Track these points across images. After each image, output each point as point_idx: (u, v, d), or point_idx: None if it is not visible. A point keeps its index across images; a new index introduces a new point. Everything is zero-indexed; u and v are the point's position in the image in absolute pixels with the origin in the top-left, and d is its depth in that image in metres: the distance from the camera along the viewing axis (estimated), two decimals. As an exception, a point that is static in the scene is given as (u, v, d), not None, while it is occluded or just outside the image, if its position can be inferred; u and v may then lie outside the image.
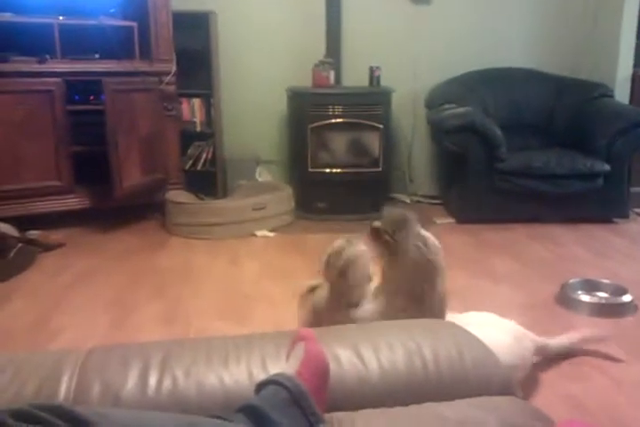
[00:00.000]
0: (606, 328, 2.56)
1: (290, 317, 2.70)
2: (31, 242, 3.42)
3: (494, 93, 4.57)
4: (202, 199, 4.35)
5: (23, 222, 3.52)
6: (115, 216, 4.03)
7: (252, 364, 1.01)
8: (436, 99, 4.46)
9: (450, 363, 1.03)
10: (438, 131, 4.30)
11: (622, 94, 4.57)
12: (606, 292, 2.93)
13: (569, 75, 4.67)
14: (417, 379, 1.01)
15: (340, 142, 4.39)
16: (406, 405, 0.95)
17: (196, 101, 4.49)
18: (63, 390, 0.95)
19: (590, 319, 2.69)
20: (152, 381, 0.97)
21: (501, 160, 4.05)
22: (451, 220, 4.22)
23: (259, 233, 3.87)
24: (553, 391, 2.07)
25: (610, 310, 2.78)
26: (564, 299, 2.86)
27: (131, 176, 3.83)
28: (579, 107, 4.46)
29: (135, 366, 0.99)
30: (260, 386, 0.92)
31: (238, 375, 0.99)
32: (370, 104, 4.23)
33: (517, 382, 1.91)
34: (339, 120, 4.20)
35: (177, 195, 4.07)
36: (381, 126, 4.24)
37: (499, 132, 4.03)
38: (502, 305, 2.70)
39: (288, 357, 1.00)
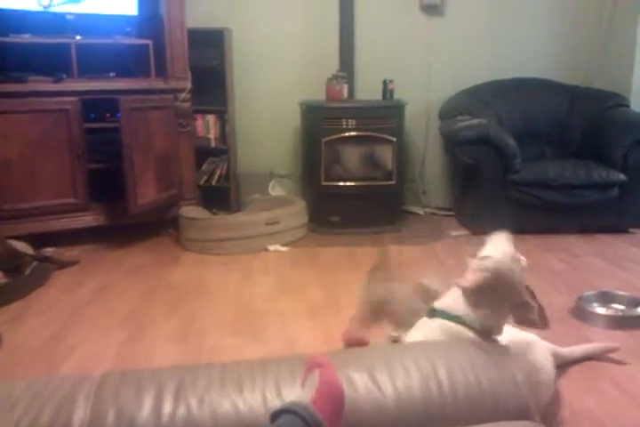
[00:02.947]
0: (622, 341, 2.52)
1: (303, 332, 2.71)
2: (46, 259, 3.46)
3: (508, 104, 4.56)
4: (215, 214, 4.37)
5: (38, 240, 3.56)
6: (129, 232, 4.07)
7: (266, 390, 1.01)
8: (450, 110, 4.46)
9: (466, 387, 1.02)
10: (452, 143, 4.29)
11: (638, 104, 4.53)
12: (622, 304, 2.90)
13: (583, 84, 4.65)
14: (433, 404, 1.00)
15: (353, 156, 4.39)
16: None
17: (211, 118, 4.53)
18: (78, 418, 0.96)
19: (606, 332, 2.65)
20: (166, 408, 0.97)
21: (516, 171, 4.04)
22: (465, 232, 4.20)
23: (271, 248, 3.88)
24: (567, 405, 2.04)
25: (626, 323, 2.75)
26: (580, 311, 2.83)
27: (146, 193, 3.86)
28: (593, 116, 4.44)
29: (149, 394, 1.00)
30: (275, 415, 0.91)
31: (253, 402, 0.99)
32: (383, 117, 4.23)
33: (546, 403, 1.89)
34: (352, 133, 4.21)
35: (190, 210, 4.09)
36: (395, 139, 4.24)
37: (513, 143, 4.01)
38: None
39: (303, 384, 1.00)
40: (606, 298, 2.93)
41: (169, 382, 1.02)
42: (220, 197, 4.57)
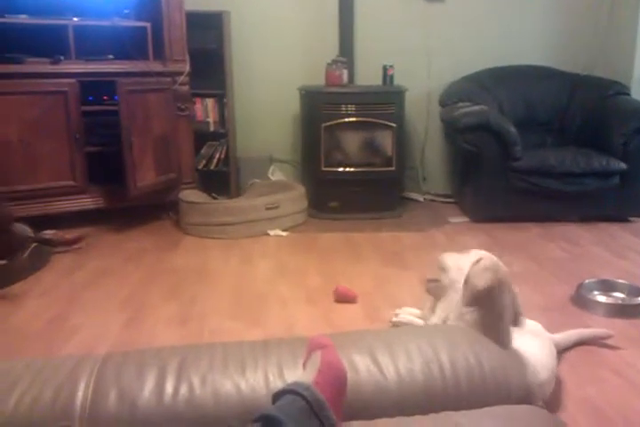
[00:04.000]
0: (622, 329, 2.53)
1: (303, 316, 2.71)
2: (46, 242, 3.44)
3: (508, 91, 4.54)
4: (215, 199, 4.35)
5: (37, 222, 3.54)
6: (128, 216, 4.06)
7: (268, 371, 1.00)
8: (450, 97, 4.44)
9: (468, 371, 1.01)
10: (452, 129, 4.28)
11: (639, 92, 4.51)
12: (622, 292, 2.91)
13: (584, 72, 4.63)
14: (435, 387, 0.99)
15: (353, 141, 4.37)
16: (424, 414, 0.94)
17: (210, 101, 4.50)
18: (80, 397, 0.95)
19: (606, 320, 2.66)
20: (168, 388, 0.97)
21: (516, 159, 4.02)
22: (465, 219, 4.20)
23: (272, 232, 3.87)
24: (568, 394, 2.04)
25: (626, 311, 2.75)
26: (580, 299, 2.83)
27: (145, 176, 3.84)
28: (594, 105, 4.42)
29: (151, 373, 0.99)
30: (277, 395, 0.91)
31: (255, 383, 0.98)
32: (383, 103, 4.21)
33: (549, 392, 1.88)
34: (352, 119, 4.19)
35: (190, 194, 4.07)
36: (395, 125, 4.22)
37: (514, 130, 4.00)
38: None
39: (305, 365, 0.99)
40: (607, 286, 2.93)
41: (171, 361, 1.02)
42: (220, 181, 4.55)
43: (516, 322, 1.76)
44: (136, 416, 0.92)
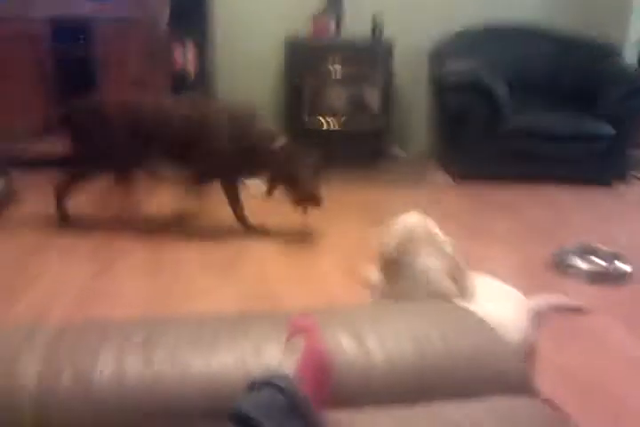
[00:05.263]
0: (600, 296, 2.50)
1: (276, 268, 2.64)
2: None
3: (499, 50, 4.41)
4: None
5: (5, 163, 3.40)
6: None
7: (245, 350, 0.90)
8: (440, 53, 4.31)
9: (464, 357, 0.93)
10: (440, 87, 4.17)
11: (631, 56, 4.41)
12: (602, 258, 2.87)
13: (576, 34, 4.50)
14: (427, 373, 0.91)
15: (338, 96, 4.24)
16: (414, 402, 0.86)
17: (189, 48, 4.30)
18: (29, 376, 0.84)
19: (585, 286, 2.62)
20: (130, 366, 0.86)
21: (504, 120, 3.93)
22: (448, 178, 4.12)
23: (251, 185, 3.74)
24: (545, 362, 2.00)
25: (605, 278, 2.72)
26: (559, 264, 2.80)
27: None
28: (585, 67, 4.32)
29: (112, 348, 0.88)
30: (253, 386, 0.81)
31: (228, 363, 0.88)
32: (371, 57, 4.07)
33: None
34: (338, 72, 4.05)
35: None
36: (382, 80, 4.09)
37: (504, 91, 3.90)
38: (496, 268, 2.62)
39: (286, 349, 0.90)
40: (586, 251, 2.89)
41: (135, 335, 0.91)
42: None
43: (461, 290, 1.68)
44: (92, 398, 0.82)
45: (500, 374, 0.93)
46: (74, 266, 2.60)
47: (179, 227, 3.04)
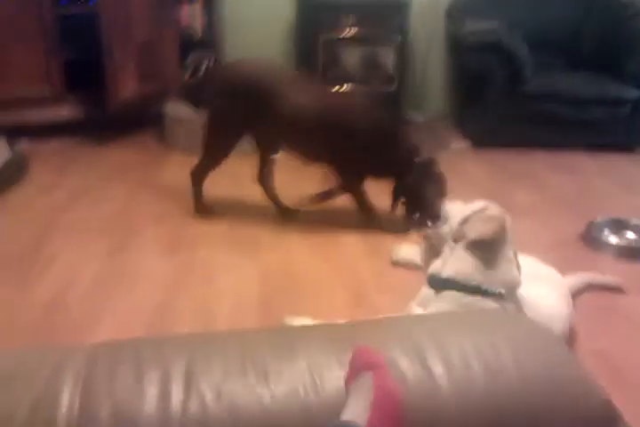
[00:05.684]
0: (633, 272, 2.41)
1: (299, 248, 2.54)
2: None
3: (520, 9, 4.20)
4: (199, 112, 4.06)
5: (12, 133, 3.25)
6: (109, 129, 3.75)
7: (297, 380, 0.80)
8: (458, 12, 4.11)
9: (541, 388, 0.82)
10: (459, 47, 4.00)
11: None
12: (635, 232, 2.76)
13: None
14: (501, 403, 0.81)
15: (352, 57, 4.06)
16: None
17: (197, 5, 4.11)
18: (64, 414, 0.74)
19: (617, 262, 2.53)
20: (175, 402, 0.76)
21: (524, 82, 3.78)
22: (466, 144, 3.99)
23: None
24: (581, 346, 1.92)
25: (637, 254, 2.62)
26: (591, 239, 2.69)
27: (126, 85, 3.58)
28: (609, 27, 4.13)
29: (153, 381, 0.78)
30: None
31: (282, 396, 0.78)
32: (386, 15, 3.88)
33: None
34: (352, 32, 3.87)
35: (176, 107, 3.79)
36: (398, 40, 3.92)
37: (525, 51, 3.73)
38: (525, 243, 2.53)
39: (350, 388, 0.79)
40: (619, 226, 2.78)
41: (176, 362, 0.81)
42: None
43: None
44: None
45: (580, 412, 0.83)
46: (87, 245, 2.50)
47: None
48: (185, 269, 2.32)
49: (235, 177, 3.21)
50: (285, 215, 2.86)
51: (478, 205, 1.74)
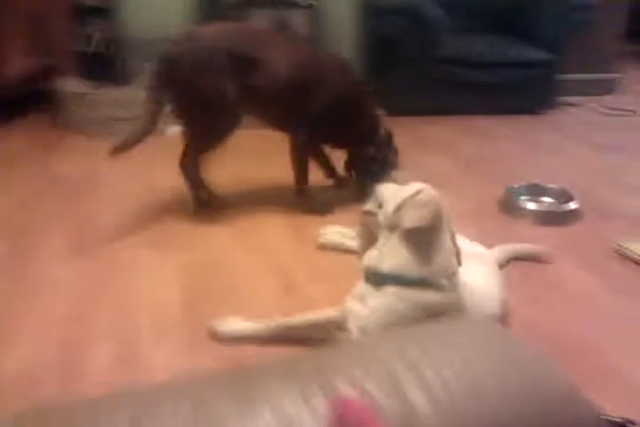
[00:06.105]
0: (553, 237, 2.41)
1: (222, 237, 2.38)
2: None
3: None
4: (99, 88, 3.76)
5: None
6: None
7: None
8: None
9: (526, 411, 0.74)
10: (371, 10, 3.86)
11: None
12: (552, 197, 2.78)
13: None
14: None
15: (263, 21, 3.86)
16: None
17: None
18: None
19: (536, 228, 2.52)
20: None
21: (437, 46, 3.70)
22: (381, 111, 3.88)
23: (169, 131, 3.38)
24: (510, 316, 1.88)
25: (557, 218, 2.63)
26: (508, 206, 2.68)
27: (13, 60, 3.27)
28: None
29: None
30: None
31: None
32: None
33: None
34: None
35: (70, 83, 3.50)
36: (309, 2, 3.74)
37: (441, 14, 3.64)
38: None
39: None
40: (535, 191, 2.79)
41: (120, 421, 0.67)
42: (103, 66, 3.92)
43: (457, 261, 1.62)
44: None
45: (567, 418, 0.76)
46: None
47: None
48: (97, 273, 2.10)
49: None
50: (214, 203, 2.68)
51: (411, 188, 1.63)
